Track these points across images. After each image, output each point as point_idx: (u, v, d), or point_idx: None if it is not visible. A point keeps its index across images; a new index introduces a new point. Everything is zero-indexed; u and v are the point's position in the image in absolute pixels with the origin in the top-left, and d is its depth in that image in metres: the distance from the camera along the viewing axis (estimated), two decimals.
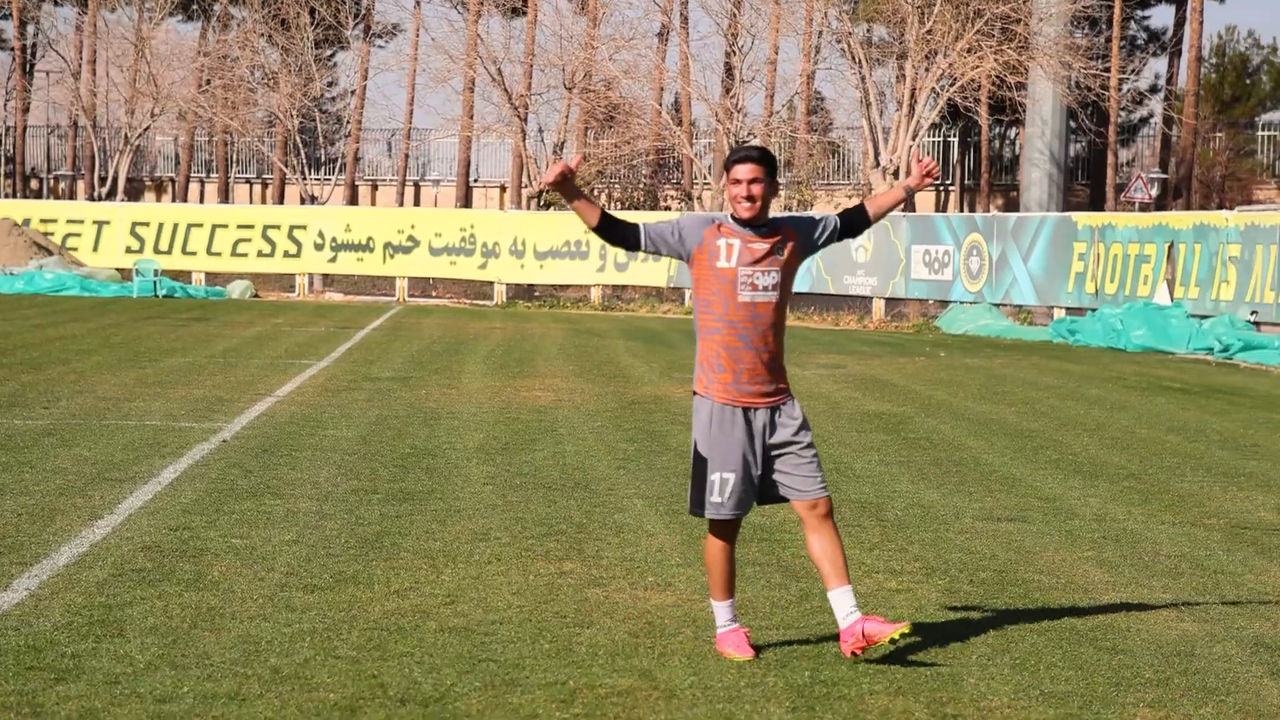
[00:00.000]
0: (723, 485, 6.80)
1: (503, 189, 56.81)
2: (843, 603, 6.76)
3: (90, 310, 34.00)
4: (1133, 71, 48.51)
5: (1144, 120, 53.79)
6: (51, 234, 43.79)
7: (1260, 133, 50.20)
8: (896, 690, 6.51)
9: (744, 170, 6.78)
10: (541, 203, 46.13)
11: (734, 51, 44.73)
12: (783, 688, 6.44)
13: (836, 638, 6.92)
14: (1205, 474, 13.29)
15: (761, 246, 6.79)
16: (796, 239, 6.92)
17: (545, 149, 49.01)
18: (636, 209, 47.84)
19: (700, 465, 6.88)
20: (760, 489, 6.93)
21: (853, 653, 6.68)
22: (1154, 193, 41.02)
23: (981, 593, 8.48)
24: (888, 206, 7.24)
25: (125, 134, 53.44)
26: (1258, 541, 10.29)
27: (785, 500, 6.99)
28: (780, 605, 7.85)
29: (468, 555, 9.05)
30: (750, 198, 6.75)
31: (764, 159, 6.84)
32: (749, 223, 6.80)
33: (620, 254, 40.85)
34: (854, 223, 7.09)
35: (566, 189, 6.79)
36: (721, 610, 6.89)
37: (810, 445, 6.94)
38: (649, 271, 40.83)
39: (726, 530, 6.89)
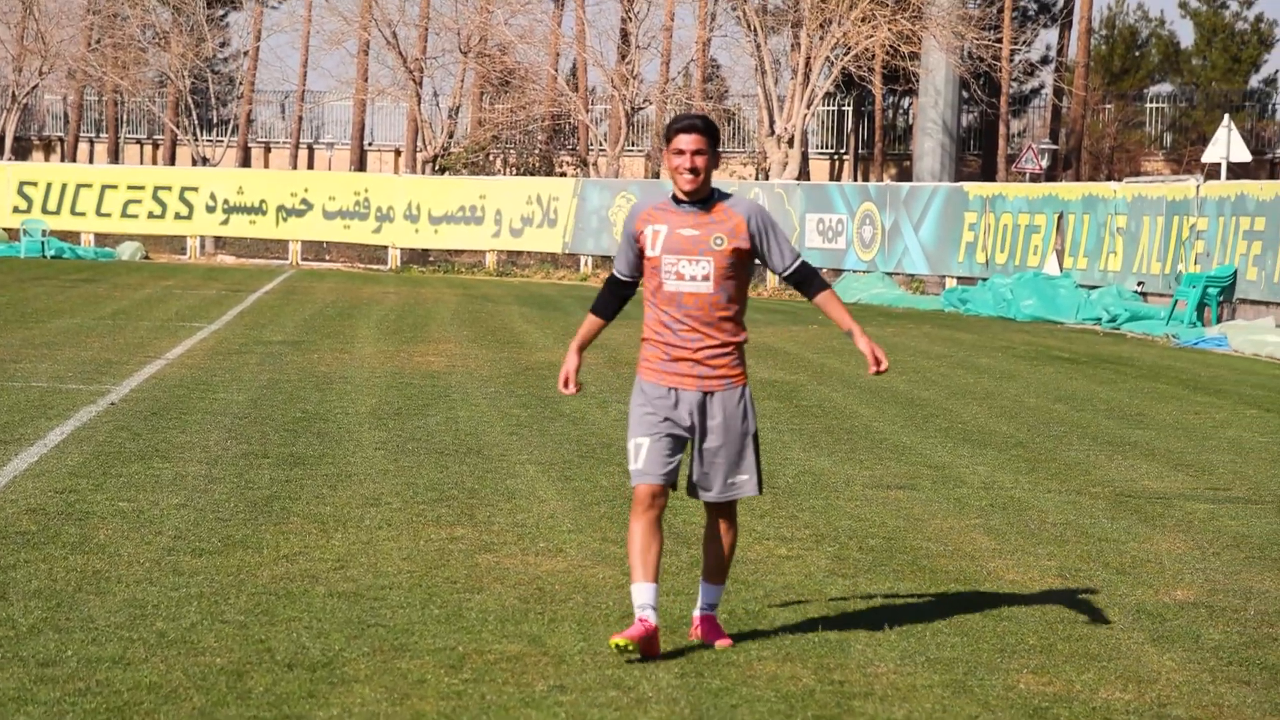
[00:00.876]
0: (636, 450, 6.40)
1: (397, 153, 56.35)
2: (706, 595, 6.67)
3: None
4: (1024, 42, 48.65)
5: (1035, 91, 54.20)
6: None
7: (1148, 105, 50.79)
8: (784, 656, 6.54)
9: (687, 140, 6.36)
10: (436, 167, 45.94)
11: (630, 18, 44.75)
12: (671, 653, 6.44)
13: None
14: (1091, 443, 13.51)
15: (691, 234, 6.39)
16: (746, 231, 6.47)
17: (440, 113, 48.71)
18: (532, 174, 47.74)
19: (634, 452, 6.47)
20: (691, 473, 6.59)
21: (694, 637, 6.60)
22: (1044, 164, 41.37)
23: (870, 560, 8.55)
24: (831, 315, 6.80)
25: (13, 92, 52.28)
26: (1141, 510, 10.47)
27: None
28: (670, 571, 7.86)
29: (358, 520, 8.99)
30: (694, 169, 6.35)
31: (708, 129, 6.42)
32: (690, 196, 6.41)
33: (516, 219, 40.77)
34: (803, 284, 6.74)
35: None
36: (637, 593, 6.37)
37: (735, 439, 6.53)
38: (544, 238, 40.71)
39: (644, 502, 6.36)
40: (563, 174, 48.41)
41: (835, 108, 53.26)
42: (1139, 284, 28.38)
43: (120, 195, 43.04)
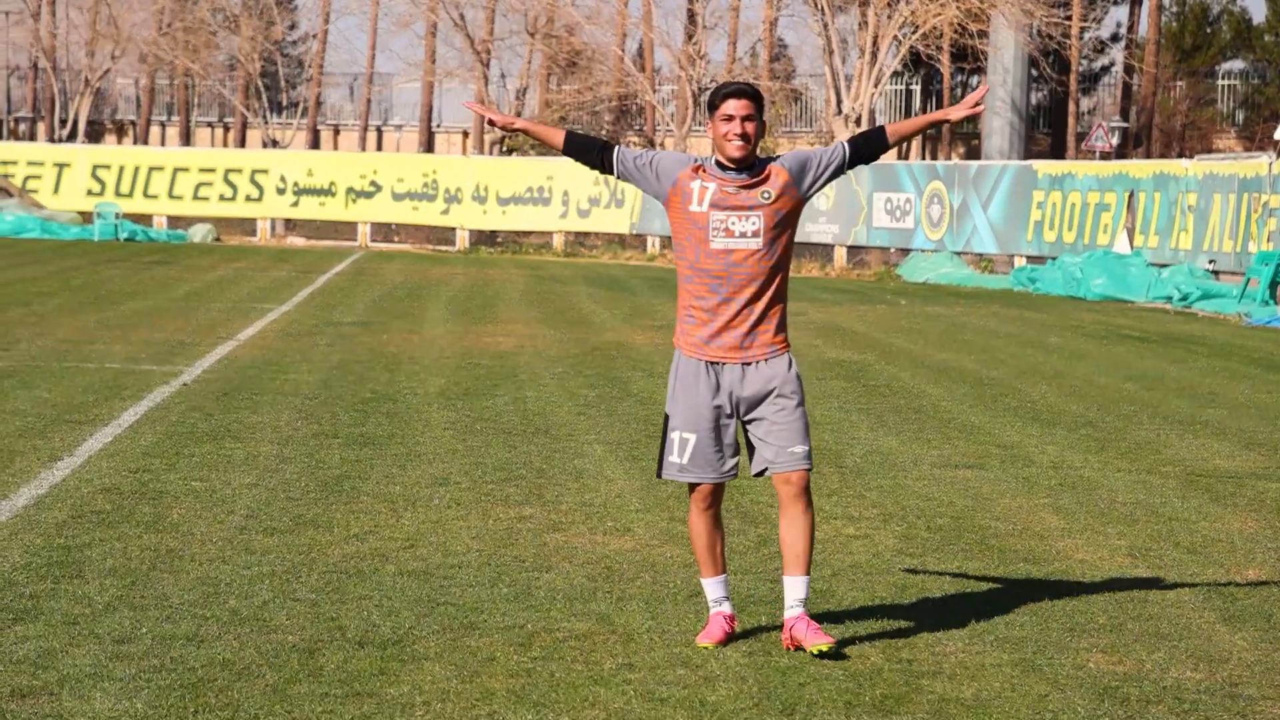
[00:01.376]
0: (682, 445, 6.15)
1: (465, 135, 56.56)
2: (791, 591, 6.20)
3: (51, 253, 33.84)
4: (1094, 20, 47.89)
5: (1105, 69, 53.70)
6: (11, 176, 43.54)
7: (1220, 81, 50.54)
8: (852, 635, 6.56)
9: (736, 106, 6.10)
10: (504, 149, 46.20)
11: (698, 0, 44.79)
12: (739, 632, 6.46)
13: None
14: (1162, 422, 13.42)
15: (742, 191, 6.11)
16: (789, 178, 6.19)
17: (508, 94, 49.04)
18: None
19: (665, 423, 6.28)
20: (750, 455, 6.30)
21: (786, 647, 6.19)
22: (1114, 141, 40.98)
23: (938, 539, 8.54)
24: (911, 131, 6.67)
25: (85, 76, 53.07)
26: (1212, 489, 10.39)
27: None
28: (738, 550, 7.87)
29: (427, 500, 9.06)
30: (744, 135, 6.08)
31: (755, 95, 6.17)
32: (738, 164, 6.14)
33: (583, 200, 40.81)
34: (868, 148, 6.37)
35: (517, 128, 6.66)
36: (708, 587, 6.33)
37: (787, 409, 6.18)
38: (612, 218, 40.82)
39: (701, 498, 6.20)
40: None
41: (903, 86, 52.98)
42: (1210, 262, 28.03)
43: (192, 178, 43.53)
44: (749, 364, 6.16)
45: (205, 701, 5.54)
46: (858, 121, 39.30)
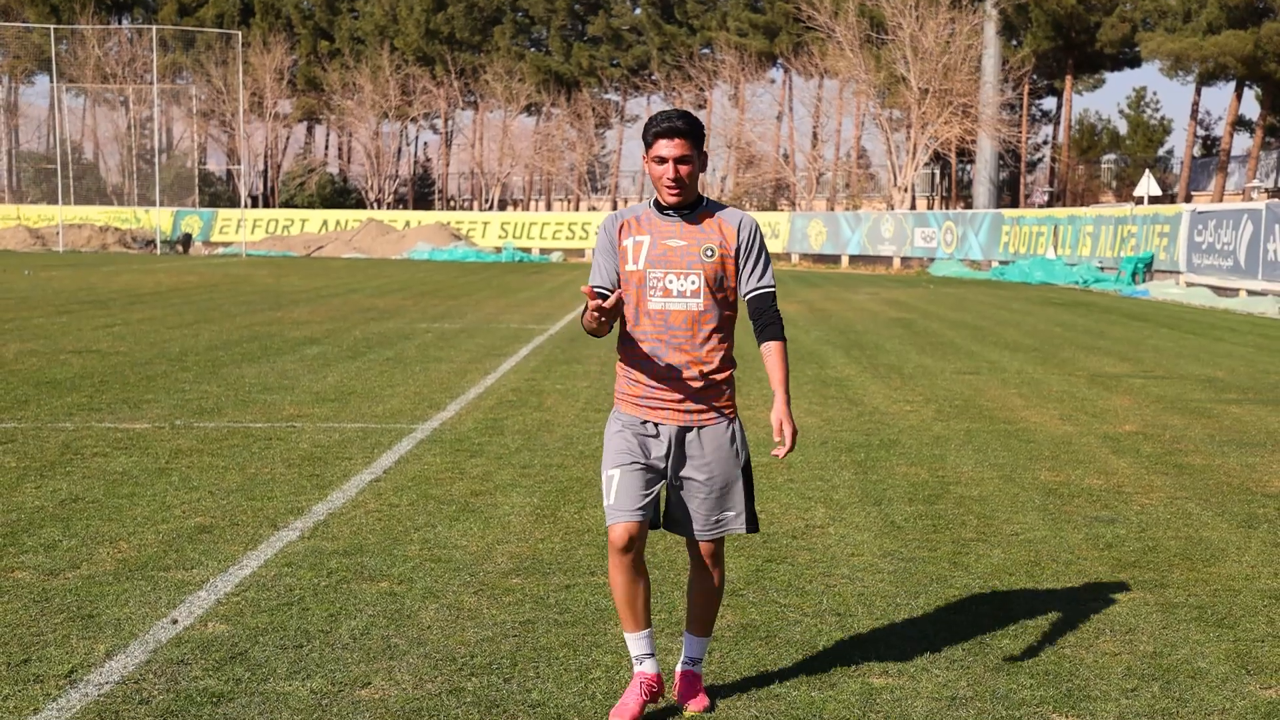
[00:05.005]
0: (609, 483, 4.20)
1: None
2: (688, 648, 4.41)
3: (480, 268, 40.96)
4: (1034, 132, 66.54)
5: (1040, 159, 69.17)
6: (460, 227, 54.68)
7: (1102, 167, 65.67)
8: (916, 462, 8.81)
9: (669, 146, 4.17)
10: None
11: (817, 125, 64.11)
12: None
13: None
14: (1075, 348, 16.17)
15: (679, 244, 4.23)
16: (734, 246, 4.24)
17: (717, 180, 64.02)
18: (764, 210, 59.75)
19: (608, 484, 4.26)
20: (669, 509, 4.36)
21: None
22: (1045, 199, 58.27)
23: (955, 411, 10.72)
24: (769, 366, 4.29)
25: (497, 178, 62.28)
26: (1105, 384, 12.59)
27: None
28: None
29: None
30: (678, 180, 4.18)
31: (691, 129, 4.19)
32: (675, 207, 4.25)
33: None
34: (762, 315, 4.28)
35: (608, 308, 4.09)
36: (630, 643, 4.31)
37: (715, 479, 4.25)
38: (772, 246, 48.26)
39: (620, 544, 4.17)
40: (781, 210, 60.61)
41: (930, 170, 66.19)
42: (1099, 263, 34.96)
43: (551, 228, 54.16)
44: (688, 429, 4.23)
45: (569, 499, 7.08)
46: (905, 189, 51.75)
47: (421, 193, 74.19)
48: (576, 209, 71.67)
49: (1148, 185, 35.26)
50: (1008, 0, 53.18)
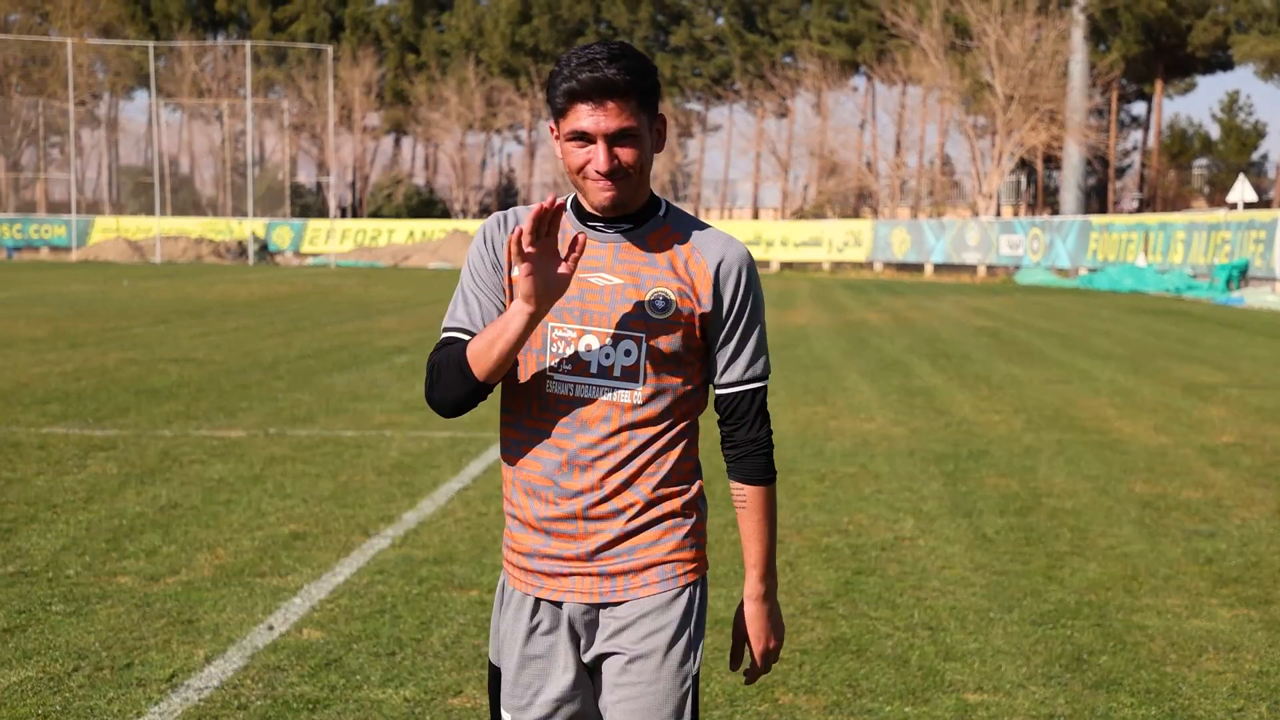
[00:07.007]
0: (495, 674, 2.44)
1: (774, 210, 62.74)
2: None
3: None
4: (1123, 137, 66.41)
5: (1129, 165, 69.01)
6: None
7: (1194, 172, 66.24)
8: (1001, 473, 8.67)
9: (596, 115, 2.13)
10: (798, 216, 55.88)
11: (901, 132, 63.57)
12: None
13: None
14: (1167, 356, 15.92)
15: (608, 283, 2.24)
16: (710, 302, 2.26)
17: (799, 188, 66.58)
18: (848, 218, 59.01)
19: (494, 679, 2.41)
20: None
21: None
22: (1135, 205, 58.17)
23: (1045, 421, 10.64)
24: (744, 526, 2.35)
25: None
26: (1200, 393, 12.47)
27: None
28: None
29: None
30: (618, 171, 2.17)
31: (636, 82, 2.13)
32: (607, 214, 2.23)
33: (840, 243, 45.81)
34: (738, 430, 2.31)
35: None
36: None
37: (648, 673, 2.28)
38: (857, 253, 48.19)
39: None
40: (863, 218, 60.35)
41: (1015, 178, 64.50)
42: (1191, 270, 34.74)
43: None
44: (609, 605, 2.32)
45: None
46: (990, 197, 51.09)
47: (506, 203, 74.90)
48: None
49: (1242, 190, 34.54)
50: (1096, 5, 52.75)
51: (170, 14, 72.33)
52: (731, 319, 2.28)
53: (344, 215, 68.33)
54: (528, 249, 2.07)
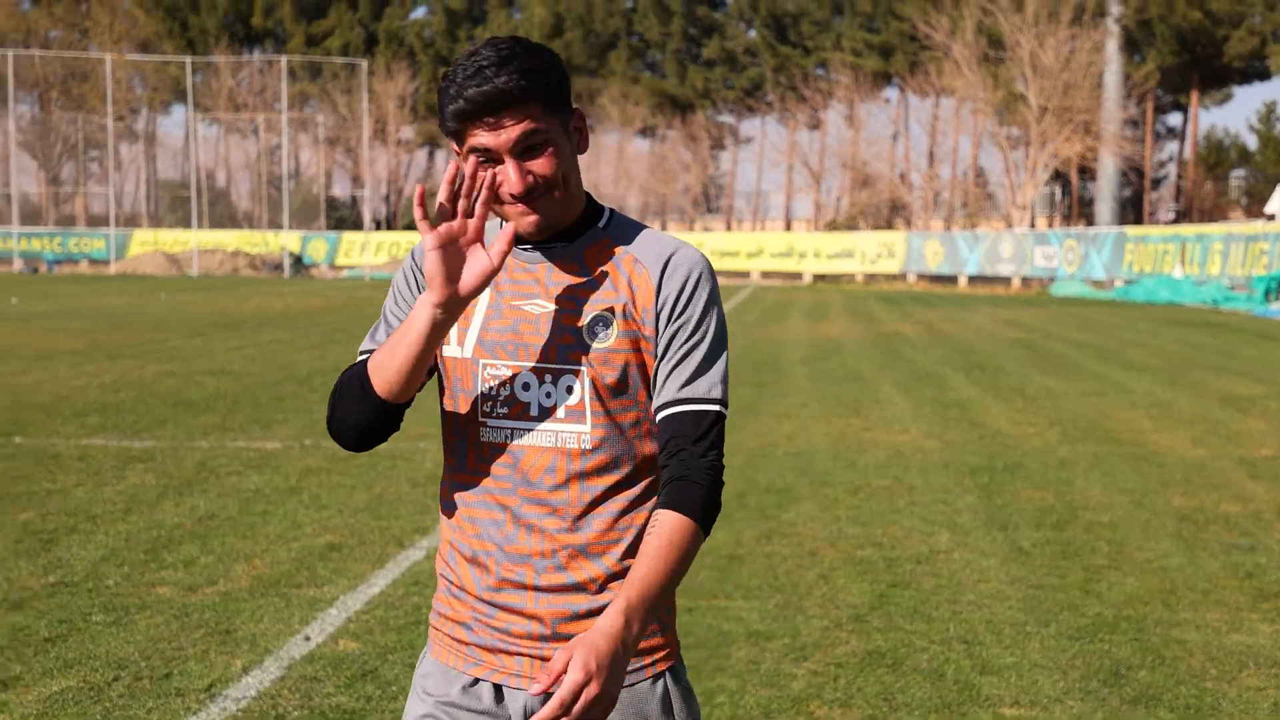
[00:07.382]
0: None
1: (807, 221, 62.26)
2: None
3: None
4: (1158, 148, 64.69)
5: (1165, 176, 68.64)
6: None
7: (1231, 183, 66.28)
8: (1034, 486, 8.66)
9: (491, 134, 1.78)
10: (830, 227, 55.64)
11: (934, 144, 63.77)
12: None
13: None
14: (1204, 369, 15.71)
15: (541, 309, 1.88)
16: (649, 294, 1.87)
17: (833, 199, 67.60)
18: (881, 230, 59.19)
19: None
20: None
21: None
22: (1171, 216, 57.96)
23: (1080, 434, 10.61)
24: (642, 552, 1.79)
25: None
26: (1238, 405, 12.39)
27: None
28: None
29: (797, 414, 11.44)
30: (531, 191, 1.82)
31: (533, 86, 1.78)
32: (534, 236, 1.88)
33: (873, 254, 45.10)
34: (676, 457, 1.82)
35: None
36: None
37: None
38: (888, 265, 46.11)
39: None
40: (896, 230, 60.16)
41: (1050, 189, 64.33)
42: (1229, 281, 34.42)
43: None
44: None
45: None
46: (1024, 208, 50.51)
47: None
48: (691, 230, 72.72)
49: None
50: (1130, 16, 52.64)
51: (207, 30, 73.16)
52: (676, 321, 1.85)
53: (378, 228, 68.75)
54: (440, 213, 1.62)
